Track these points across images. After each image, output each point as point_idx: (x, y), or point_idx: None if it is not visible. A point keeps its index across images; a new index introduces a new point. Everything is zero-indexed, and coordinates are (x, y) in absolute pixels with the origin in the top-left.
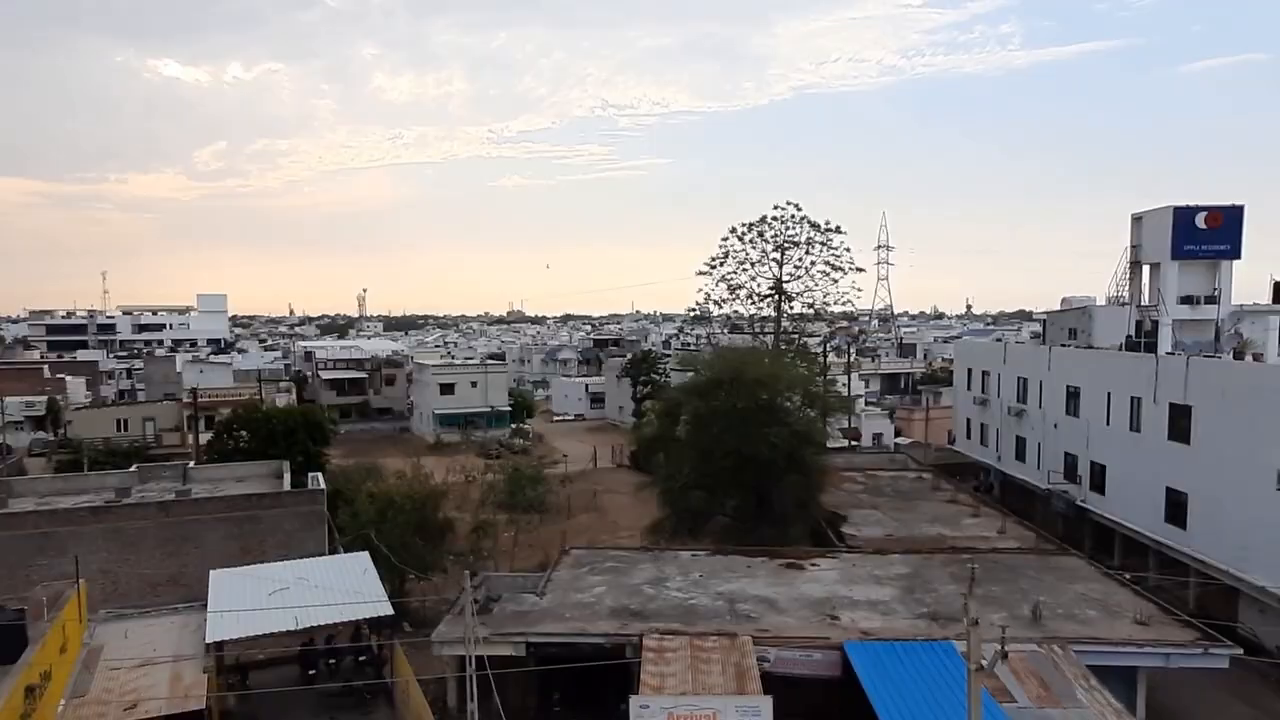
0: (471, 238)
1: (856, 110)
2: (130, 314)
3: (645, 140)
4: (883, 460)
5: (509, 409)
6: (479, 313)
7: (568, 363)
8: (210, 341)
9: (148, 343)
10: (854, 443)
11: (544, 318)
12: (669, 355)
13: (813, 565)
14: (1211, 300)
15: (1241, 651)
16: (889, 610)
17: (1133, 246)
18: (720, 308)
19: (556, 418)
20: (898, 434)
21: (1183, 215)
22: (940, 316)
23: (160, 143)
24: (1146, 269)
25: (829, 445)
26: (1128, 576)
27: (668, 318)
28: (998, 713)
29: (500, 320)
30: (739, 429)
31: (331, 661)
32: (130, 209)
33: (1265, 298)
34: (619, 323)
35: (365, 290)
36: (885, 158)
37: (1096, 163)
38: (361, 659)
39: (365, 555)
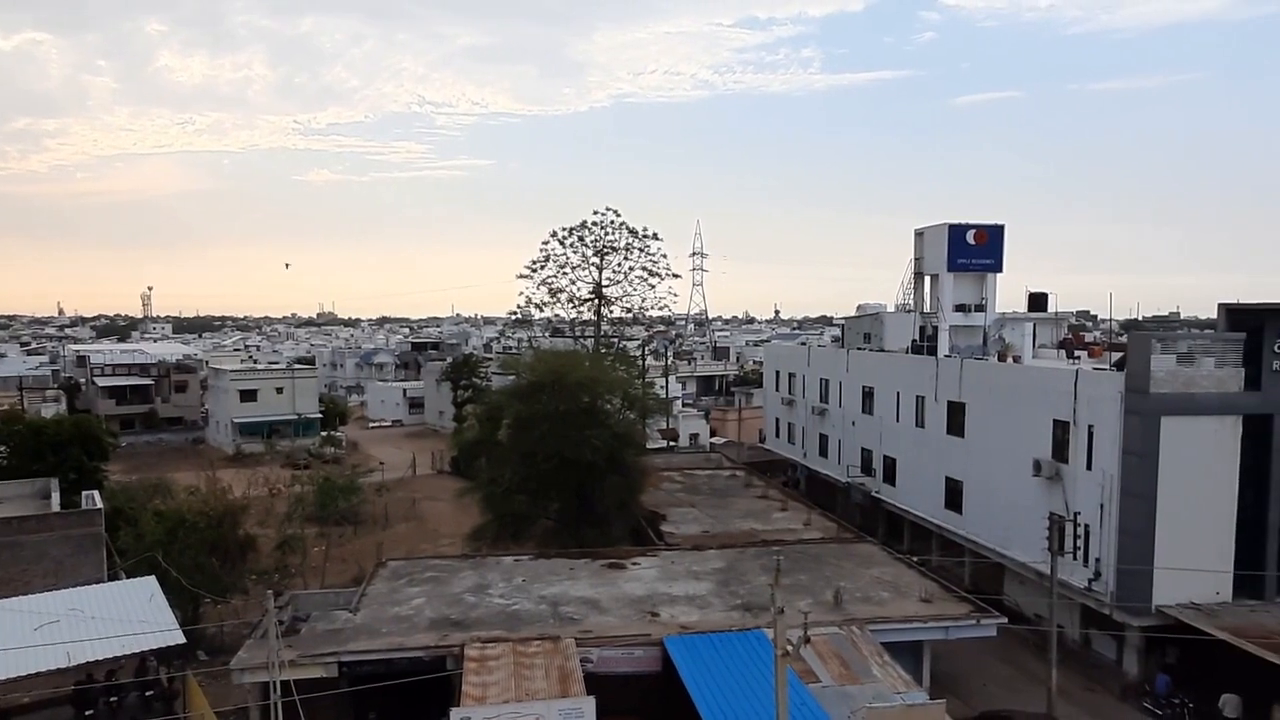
0: (276, 234)
1: (673, 121)
2: None
3: (465, 140)
4: (699, 460)
5: (319, 416)
6: (285, 314)
7: (384, 367)
8: None
9: None
10: (672, 443)
11: (358, 320)
12: (490, 359)
13: (634, 564)
14: (980, 308)
15: (1006, 620)
16: (706, 604)
17: (916, 259)
18: (541, 311)
19: (373, 424)
20: (713, 434)
21: (956, 232)
22: (751, 321)
23: None
24: (928, 279)
25: (648, 446)
26: (915, 559)
27: (489, 321)
28: (804, 693)
29: (310, 322)
30: (561, 432)
31: (113, 699)
32: None
33: (1023, 306)
34: (438, 326)
35: (151, 289)
36: (699, 168)
37: (886, 179)
38: (149, 694)
39: (151, 580)
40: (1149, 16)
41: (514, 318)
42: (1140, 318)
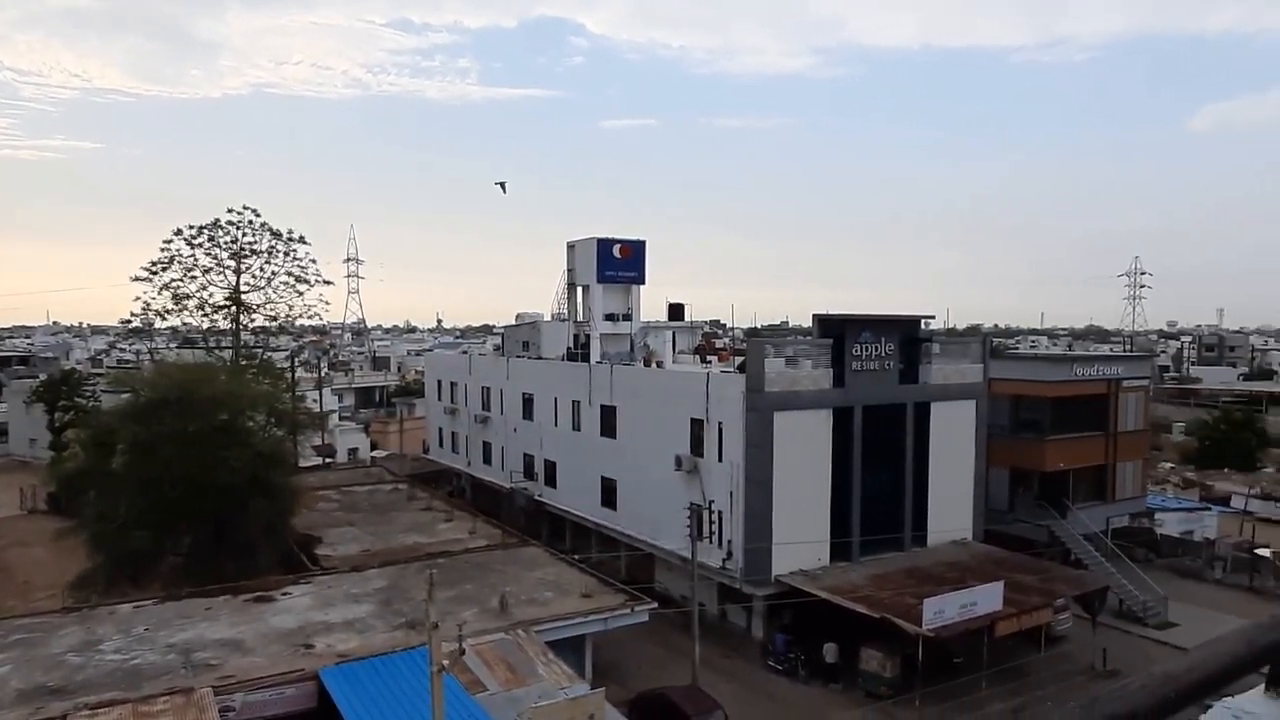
0: None
1: (322, 118)
2: None
3: (62, 117)
4: (359, 475)
5: None
6: None
7: None
8: None
9: None
10: (329, 459)
11: None
12: (100, 374)
13: (284, 594)
14: (627, 317)
15: (657, 605)
16: (367, 627)
17: (569, 270)
18: (165, 319)
19: None
20: (374, 447)
21: (604, 246)
22: (413, 330)
23: None
24: (580, 290)
25: (301, 464)
26: (576, 558)
27: (98, 330)
28: (470, 704)
29: None
30: (192, 454)
31: None
32: None
33: (664, 316)
34: (28, 336)
35: None
36: (353, 170)
37: (543, 191)
38: None
39: None
40: (758, 67)
41: (130, 326)
42: (759, 326)
